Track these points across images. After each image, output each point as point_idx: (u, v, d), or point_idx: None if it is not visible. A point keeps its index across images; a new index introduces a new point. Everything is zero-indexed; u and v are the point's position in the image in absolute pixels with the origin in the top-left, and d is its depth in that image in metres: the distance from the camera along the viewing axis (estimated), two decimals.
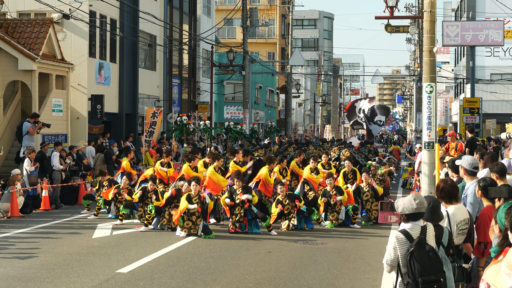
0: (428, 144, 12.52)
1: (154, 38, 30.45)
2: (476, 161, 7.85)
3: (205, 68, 39.27)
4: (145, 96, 29.82)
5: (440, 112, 54.52)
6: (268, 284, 9.33)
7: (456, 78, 53.14)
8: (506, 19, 39.85)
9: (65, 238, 12.97)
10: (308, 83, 74.23)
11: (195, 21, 37.39)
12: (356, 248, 12.27)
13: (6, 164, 20.36)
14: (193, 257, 11.11)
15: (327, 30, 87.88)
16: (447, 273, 5.55)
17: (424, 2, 12.85)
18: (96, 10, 24.73)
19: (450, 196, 6.54)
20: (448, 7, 55.94)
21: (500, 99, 42.98)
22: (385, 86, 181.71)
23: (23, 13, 24.19)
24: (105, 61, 26.06)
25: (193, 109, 35.94)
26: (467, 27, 35.72)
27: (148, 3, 29.08)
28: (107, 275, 9.69)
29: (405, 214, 5.55)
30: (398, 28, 38.23)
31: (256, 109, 50.52)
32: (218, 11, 49.60)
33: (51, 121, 21.00)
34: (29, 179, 17.58)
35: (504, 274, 4.06)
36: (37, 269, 10.05)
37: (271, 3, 62.09)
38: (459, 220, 6.45)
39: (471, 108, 31.94)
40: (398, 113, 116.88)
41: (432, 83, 12.59)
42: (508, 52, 45.29)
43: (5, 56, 20.81)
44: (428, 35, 12.72)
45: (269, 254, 11.57)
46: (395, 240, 5.50)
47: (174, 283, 9.29)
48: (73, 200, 18.84)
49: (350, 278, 9.76)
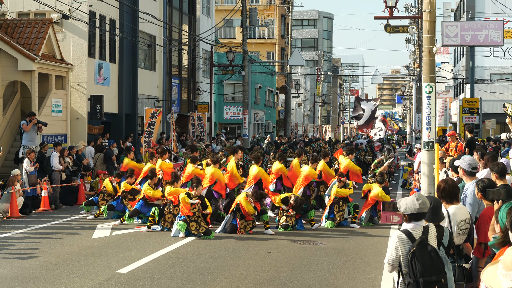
0: (427, 144, 12.52)
1: (153, 38, 30.44)
2: (475, 162, 7.86)
3: (205, 68, 39.25)
4: (145, 97, 29.82)
5: (440, 112, 54.55)
6: (268, 284, 9.33)
7: (455, 78, 53.16)
8: (505, 19, 39.86)
9: (64, 239, 12.96)
10: (307, 83, 74.23)
11: (195, 21, 37.38)
12: (356, 248, 12.27)
13: (6, 164, 20.36)
14: (193, 257, 11.11)
15: (326, 30, 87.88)
16: (448, 274, 5.55)
17: (424, 2, 12.85)
18: (95, 11, 24.72)
19: (451, 196, 6.53)
20: (447, 7, 55.96)
21: (500, 99, 42.95)
22: (385, 86, 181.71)
23: (23, 13, 24.18)
24: (105, 61, 26.05)
25: (192, 110, 35.93)
26: (466, 27, 35.73)
27: (148, 4, 29.07)
28: (107, 276, 9.69)
29: (407, 214, 5.54)
30: (397, 28, 38.29)
31: (256, 109, 50.52)
32: (218, 11, 49.59)
33: (50, 121, 20.98)
34: (28, 180, 17.57)
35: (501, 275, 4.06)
36: (37, 270, 10.04)
37: (270, 3, 62.09)
38: (460, 220, 6.45)
39: (471, 108, 31.92)
40: (397, 113, 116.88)
41: (431, 83, 12.59)
42: (507, 52, 45.30)
43: (5, 56, 20.80)
44: (427, 35, 12.71)
45: (269, 254, 11.57)
46: (397, 240, 5.48)
47: (173, 283, 9.28)
48: (73, 201, 18.82)
49: (350, 278, 9.76)
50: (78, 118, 23.92)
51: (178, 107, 33.98)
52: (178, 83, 34.32)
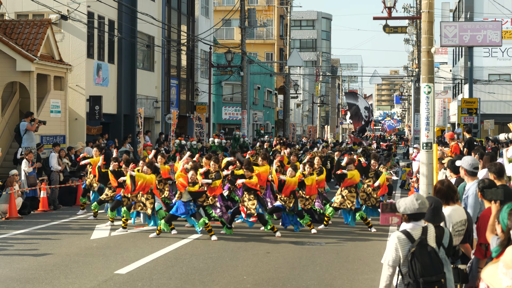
0: (426, 145, 12.51)
1: (152, 39, 30.43)
2: (476, 162, 7.84)
3: (203, 69, 39.22)
4: (143, 97, 29.80)
5: (438, 113, 54.53)
6: (267, 284, 9.33)
7: (454, 78, 53.15)
8: (504, 20, 39.87)
9: (63, 239, 12.96)
10: (306, 83, 74.20)
11: (193, 22, 37.35)
12: (355, 249, 12.27)
13: (4, 165, 20.33)
14: (192, 258, 11.11)
15: (325, 30, 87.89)
16: (447, 274, 5.54)
17: (422, 3, 12.83)
18: (94, 11, 24.71)
19: (447, 197, 6.52)
20: (446, 8, 55.92)
21: (498, 100, 42.99)
22: (383, 86, 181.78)
23: (21, 14, 24.16)
24: (103, 62, 26.03)
25: (191, 110, 35.92)
26: (465, 27, 35.71)
27: (146, 4, 29.06)
28: (106, 276, 9.69)
29: (406, 214, 5.53)
30: (396, 29, 38.26)
31: (254, 110, 50.51)
32: (216, 12, 49.55)
33: (49, 122, 20.97)
34: (27, 180, 17.57)
35: (501, 273, 4.07)
36: (36, 270, 10.03)
37: (269, 3, 62.08)
38: (455, 222, 6.44)
39: (469, 108, 31.86)
40: (396, 113, 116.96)
41: (430, 84, 12.58)
42: (506, 53, 45.30)
43: (3, 57, 20.78)
44: (426, 36, 12.70)
45: (268, 254, 11.57)
46: (396, 241, 5.47)
47: (172, 284, 9.28)
48: (72, 201, 18.82)
49: (349, 279, 9.77)
50: (76, 118, 23.91)
51: (177, 108, 33.97)
52: (176, 84, 34.31)
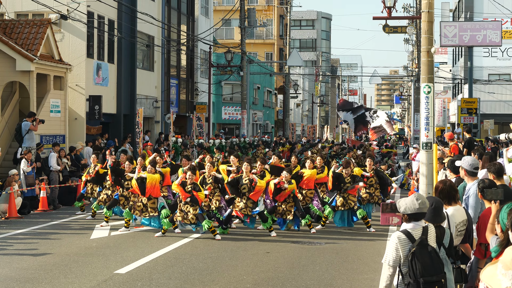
0: (426, 145, 12.51)
1: (152, 39, 30.42)
2: (476, 162, 7.83)
3: (203, 68, 39.22)
4: (143, 97, 29.80)
5: (438, 113, 54.56)
6: (266, 284, 9.33)
7: (454, 78, 53.15)
8: (503, 20, 39.88)
9: (63, 239, 12.96)
10: (306, 83, 74.21)
11: (193, 21, 37.35)
12: (354, 249, 12.27)
13: (4, 165, 20.31)
14: (191, 258, 11.11)
15: (325, 30, 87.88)
16: (447, 274, 5.53)
17: (422, 3, 12.83)
18: (94, 11, 24.70)
19: (449, 197, 6.52)
20: (446, 8, 55.94)
21: (498, 100, 43.01)
22: (383, 86, 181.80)
23: (21, 13, 24.16)
24: (103, 61, 26.03)
25: (191, 110, 35.92)
26: (465, 27, 35.72)
27: (146, 4, 29.06)
28: (105, 276, 9.69)
29: (407, 214, 5.52)
30: (396, 29, 38.30)
31: (254, 109, 50.52)
32: (216, 11, 49.56)
33: (49, 121, 20.97)
34: (26, 180, 17.56)
35: (500, 274, 4.06)
36: (35, 270, 10.03)
37: (269, 3, 62.07)
38: (458, 222, 6.44)
39: (469, 108, 31.89)
40: (396, 113, 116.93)
41: (430, 84, 12.58)
42: (506, 53, 45.32)
43: (3, 57, 20.77)
44: (426, 36, 12.70)
45: (267, 254, 11.57)
46: (397, 241, 5.45)
47: (172, 283, 9.28)
48: (71, 201, 18.77)
49: (348, 279, 9.77)
50: (76, 118, 23.91)
51: (177, 108, 33.98)
52: (176, 84, 34.31)
